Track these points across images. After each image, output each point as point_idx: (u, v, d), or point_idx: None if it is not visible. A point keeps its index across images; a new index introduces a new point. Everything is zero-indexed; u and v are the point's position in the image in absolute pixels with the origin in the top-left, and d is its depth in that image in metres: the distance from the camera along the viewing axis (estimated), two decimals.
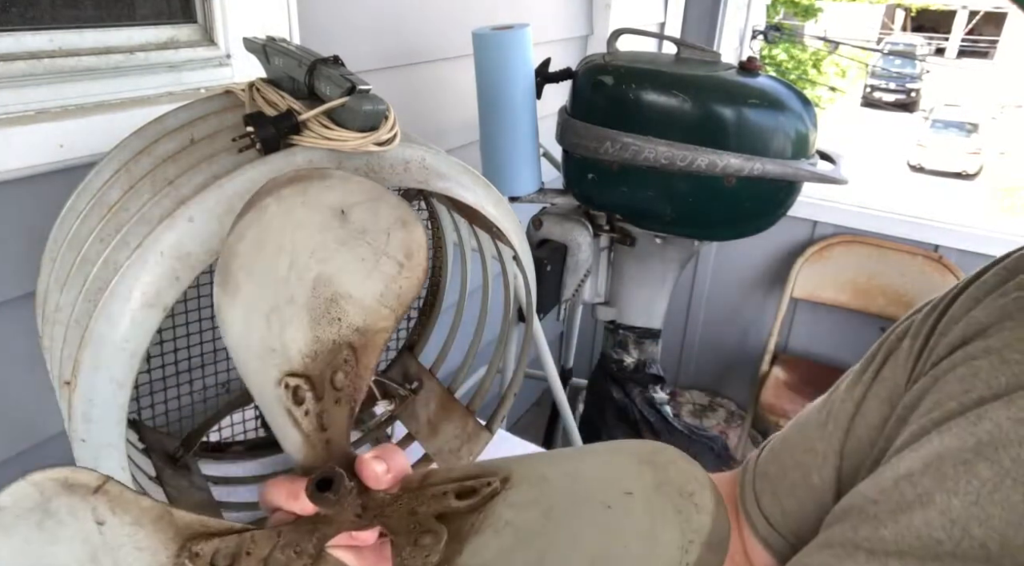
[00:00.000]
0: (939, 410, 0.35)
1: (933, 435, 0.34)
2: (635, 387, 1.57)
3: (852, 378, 0.45)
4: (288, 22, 0.93)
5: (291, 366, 0.35)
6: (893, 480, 0.34)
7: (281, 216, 0.33)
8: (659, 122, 1.16)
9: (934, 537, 0.31)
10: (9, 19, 0.70)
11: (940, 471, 0.32)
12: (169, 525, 0.31)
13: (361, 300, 0.34)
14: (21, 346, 0.75)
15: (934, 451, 0.33)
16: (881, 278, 1.96)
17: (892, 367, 0.41)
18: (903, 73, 14.95)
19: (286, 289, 0.34)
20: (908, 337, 0.41)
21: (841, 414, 0.43)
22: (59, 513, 0.29)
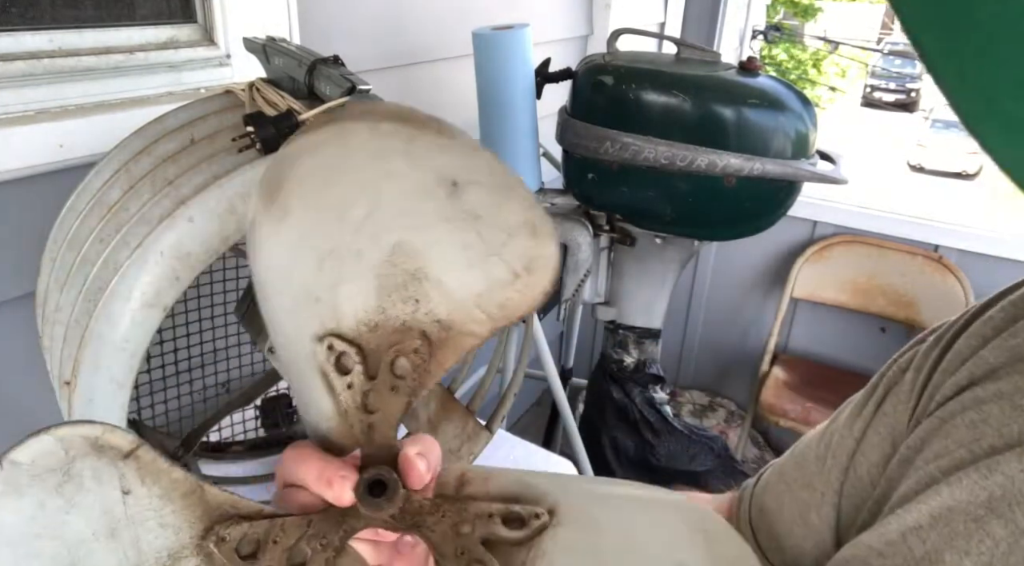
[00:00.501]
0: (948, 457, 0.33)
1: (942, 486, 0.32)
2: (635, 387, 1.57)
3: (852, 410, 0.43)
4: (288, 22, 0.93)
5: (339, 327, 0.30)
6: (900, 533, 0.33)
7: (371, 153, 0.27)
8: (659, 122, 1.16)
9: None
10: (9, 19, 0.70)
11: (950, 527, 0.31)
12: (199, 502, 0.29)
13: (452, 292, 0.29)
14: (21, 346, 0.75)
15: (944, 504, 0.32)
16: (881, 278, 1.97)
17: (893, 402, 0.40)
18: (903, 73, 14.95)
19: (354, 240, 0.28)
20: (911, 370, 0.40)
21: (840, 450, 0.42)
22: (82, 476, 0.26)
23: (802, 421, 1.83)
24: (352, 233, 0.28)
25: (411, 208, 0.28)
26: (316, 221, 0.28)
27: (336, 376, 0.30)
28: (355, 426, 0.31)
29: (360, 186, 0.27)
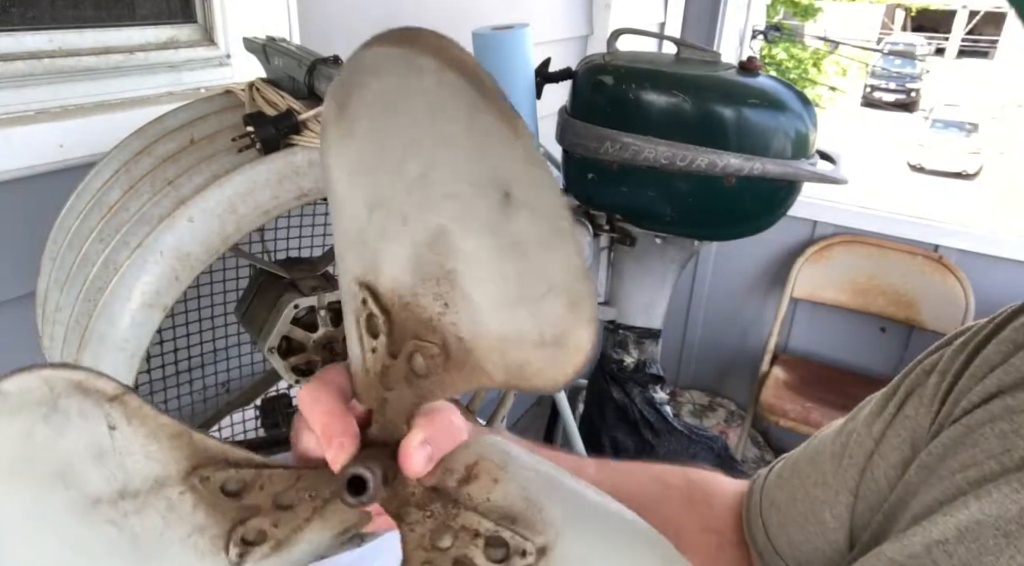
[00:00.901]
0: (976, 469, 0.32)
1: (970, 498, 0.31)
2: (635, 387, 1.57)
3: (871, 409, 0.42)
4: (288, 22, 0.94)
5: (377, 282, 0.29)
6: (925, 546, 0.32)
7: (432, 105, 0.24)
8: (659, 122, 1.16)
9: None
10: (9, 19, 0.70)
11: (979, 542, 0.30)
12: (187, 444, 0.30)
13: (478, 316, 0.27)
14: (21, 346, 0.75)
15: (972, 518, 0.31)
16: (881, 278, 1.97)
17: (915, 404, 0.39)
18: (903, 73, 14.96)
19: (404, 201, 0.26)
20: (935, 373, 0.39)
21: (858, 450, 0.41)
22: (68, 411, 0.28)
23: (802, 421, 1.83)
24: (403, 192, 0.26)
25: (461, 196, 0.25)
26: (374, 157, 0.27)
27: (365, 335, 0.30)
28: (372, 392, 0.31)
29: (417, 140, 0.25)
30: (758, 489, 0.49)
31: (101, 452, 0.29)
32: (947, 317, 1.88)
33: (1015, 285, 1.84)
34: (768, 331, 2.09)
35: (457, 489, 0.30)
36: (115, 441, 0.29)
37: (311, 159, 0.49)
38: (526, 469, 0.30)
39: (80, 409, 0.28)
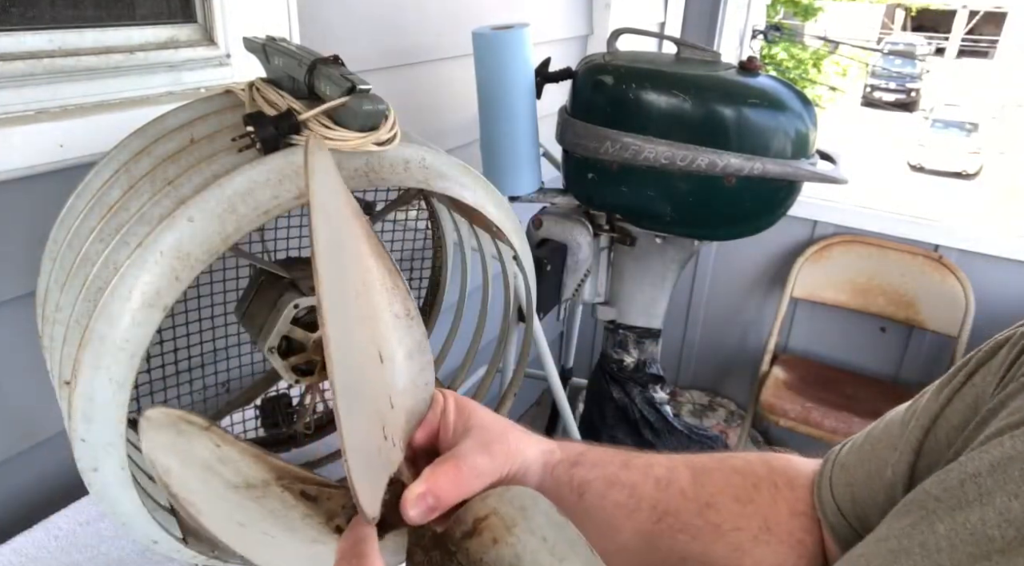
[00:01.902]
0: (1018, 415, 0.35)
1: (1005, 438, 0.34)
2: (635, 387, 1.57)
3: (941, 381, 0.45)
4: (288, 22, 0.93)
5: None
6: (959, 480, 0.34)
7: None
8: (659, 122, 1.16)
9: (987, 534, 0.31)
10: (9, 19, 0.70)
11: (1006, 474, 0.32)
12: (264, 461, 0.40)
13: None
14: (21, 346, 0.75)
15: (1005, 454, 0.33)
16: (881, 278, 1.97)
17: (984, 374, 0.41)
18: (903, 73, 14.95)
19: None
20: (1006, 347, 0.41)
21: (924, 413, 0.43)
22: (187, 432, 0.38)
23: (802, 421, 1.83)
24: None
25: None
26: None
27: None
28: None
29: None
30: (831, 459, 0.51)
31: (220, 457, 0.38)
32: (947, 317, 1.88)
33: (1015, 285, 1.84)
34: (768, 331, 2.09)
35: (459, 542, 0.35)
36: (224, 451, 0.39)
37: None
38: (533, 534, 0.33)
39: (192, 432, 0.38)
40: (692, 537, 0.47)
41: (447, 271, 0.91)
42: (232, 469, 0.38)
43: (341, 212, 0.40)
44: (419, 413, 0.44)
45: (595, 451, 0.48)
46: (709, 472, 0.50)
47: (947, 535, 0.33)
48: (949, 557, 0.32)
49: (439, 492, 0.36)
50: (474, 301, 0.86)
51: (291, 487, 0.39)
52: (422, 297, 0.94)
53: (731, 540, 0.47)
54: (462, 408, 0.44)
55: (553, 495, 0.42)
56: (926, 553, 0.33)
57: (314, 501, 0.40)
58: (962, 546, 0.32)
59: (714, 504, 0.48)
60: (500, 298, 0.78)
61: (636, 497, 0.47)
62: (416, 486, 0.36)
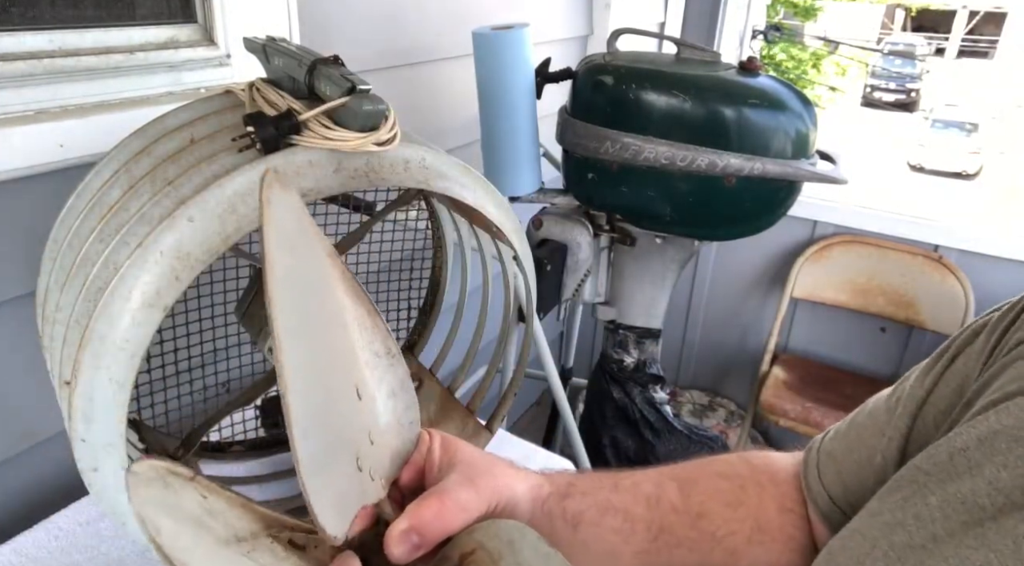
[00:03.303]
0: (1001, 392, 0.36)
1: (991, 414, 0.35)
2: (635, 387, 1.57)
3: (923, 367, 0.46)
4: (288, 22, 0.93)
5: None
6: (948, 454, 0.36)
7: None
8: (659, 122, 1.16)
9: (978, 503, 0.32)
10: (9, 19, 0.70)
11: (993, 446, 0.34)
12: (251, 511, 0.39)
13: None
14: (21, 346, 0.75)
15: (990, 428, 0.35)
16: (881, 278, 1.96)
17: (965, 360, 0.43)
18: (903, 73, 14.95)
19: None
20: (985, 333, 0.42)
21: (910, 400, 0.44)
22: (174, 485, 0.37)
23: (802, 421, 1.83)
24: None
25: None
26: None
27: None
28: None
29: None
30: (815, 448, 0.52)
31: (208, 510, 0.37)
32: (947, 317, 1.87)
33: (1015, 285, 1.84)
34: (768, 331, 2.09)
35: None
36: (211, 504, 0.38)
37: (311, 159, 0.49)
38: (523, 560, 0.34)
39: (179, 484, 0.37)
40: (689, 549, 0.47)
41: (447, 271, 0.91)
42: (221, 522, 0.37)
43: (310, 247, 0.41)
44: (405, 453, 0.44)
45: (583, 480, 0.48)
46: (695, 482, 0.51)
47: (940, 506, 0.34)
48: (943, 526, 0.33)
49: (423, 528, 0.36)
50: (474, 301, 0.86)
51: (279, 537, 0.39)
52: (422, 297, 0.94)
53: (727, 545, 0.48)
54: (447, 445, 0.44)
55: (546, 529, 0.43)
56: (920, 523, 0.34)
57: (303, 550, 0.39)
58: (955, 515, 0.33)
59: (705, 513, 0.48)
60: (500, 298, 0.78)
61: (631, 520, 0.47)
62: (399, 523, 0.36)
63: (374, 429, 0.42)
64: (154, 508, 0.36)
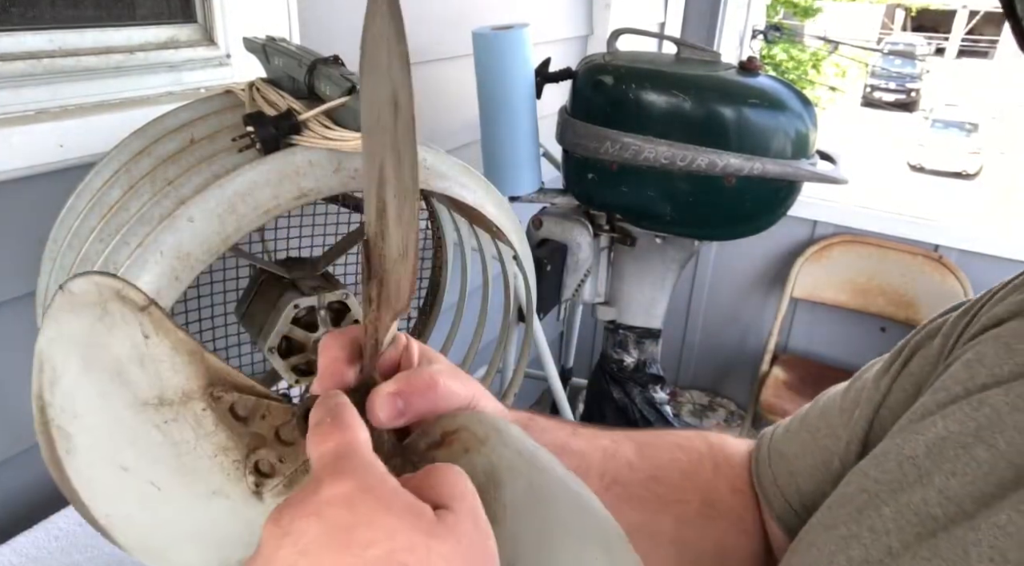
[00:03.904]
0: (945, 393, 0.36)
1: (937, 418, 0.35)
2: (635, 387, 1.57)
3: (879, 368, 0.46)
4: (288, 22, 0.94)
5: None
6: (897, 462, 0.36)
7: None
8: (659, 122, 1.16)
9: (931, 513, 0.33)
10: (9, 19, 0.70)
11: (942, 454, 0.34)
12: (200, 362, 0.33)
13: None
14: (21, 346, 0.75)
15: (937, 435, 0.35)
16: (881, 278, 1.96)
17: (920, 362, 0.43)
18: (903, 73, 14.95)
19: None
20: (940, 336, 0.42)
21: (867, 404, 0.44)
22: (114, 315, 0.31)
23: None
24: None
25: None
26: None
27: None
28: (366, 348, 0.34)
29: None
30: (766, 444, 0.51)
31: (141, 357, 0.32)
32: None
33: None
34: (768, 331, 2.09)
35: (424, 452, 0.32)
36: (149, 349, 0.32)
37: (311, 159, 0.49)
38: (507, 447, 0.31)
39: (122, 314, 0.31)
40: (637, 507, 0.47)
41: (447, 271, 0.91)
42: (150, 374, 0.32)
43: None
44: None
45: (543, 418, 0.48)
46: (653, 446, 0.51)
47: (893, 517, 0.34)
48: (898, 538, 0.33)
49: (411, 396, 0.33)
50: (474, 301, 0.86)
51: (219, 401, 0.33)
52: (422, 297, 0.94)
53: (675, 512, 0.48)
54: (426, 351, 0.41)
55: None
56: (875, 536, 0.34)
57: (243, 422, 0.33)
58: (908, 527, 0.33)
59: (659, 477, 0.48)
60: (500, 298, 0.78)
61: (585, 464, 0.47)
62: (387, 385, 0.33)
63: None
64: (66, 346, 0.31)
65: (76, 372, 0.31)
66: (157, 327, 0.32)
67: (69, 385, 0.31)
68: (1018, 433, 0.32)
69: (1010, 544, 0.29)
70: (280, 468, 0.34)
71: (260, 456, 0.34)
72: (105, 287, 0.31)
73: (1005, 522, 0.30)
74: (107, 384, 0.31)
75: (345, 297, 0.72)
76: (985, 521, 0.30)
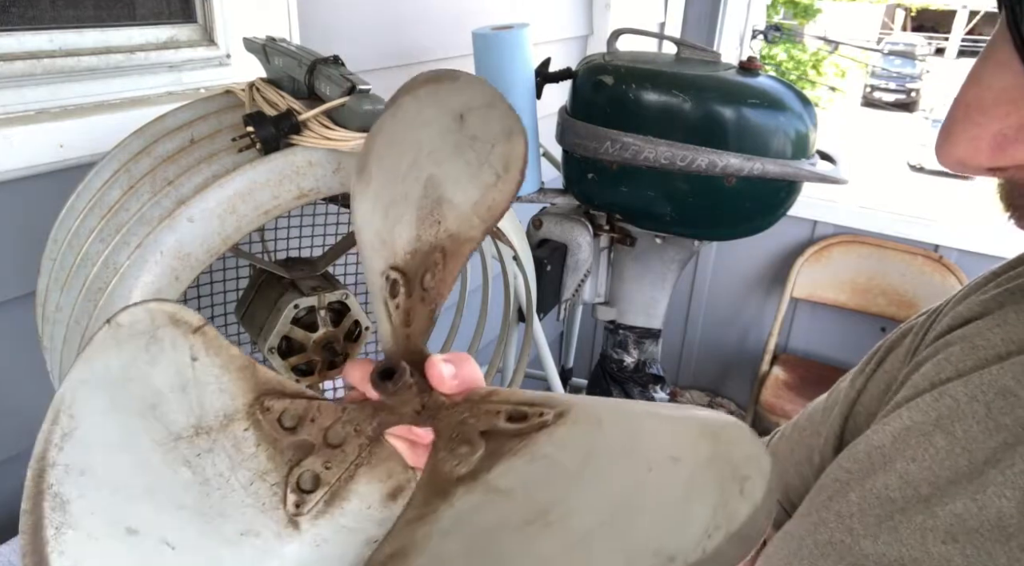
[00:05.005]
0: (912, 389, 0.39)
1: (903, 410, 0.37)
2: (635, 387, 1.57)
3: (856, 370, 0.48)
4: (288, 22, 0.94)
5: (395, 260, 0.36)
6: (866, 453, 0.38)
7: (413, 114, 0.36)
8: (659, 122, 1.16)
9: (890, 497, 0.34)
10: (9, 19, 0.70)
11: (904, 442, 0.36)
12: (251, 376, 0.33)
13: (459, 206, 0.35)
14: (21, 346, 0.75)
15: (902, 425, 0.37)
16: (881, 278, 1.97)
17: (892, 361, 0.45)
18: (903, 73, 14.95)
19: (403, 186, 0.36)
20: (910, 334, 0.44)
21: (844, 402, 0.47)
22: (163, 341, 0.31)
23: None
24: (402, 181, 0.36)
25: (436, 145, 0.35)
26: (385, 180, 0.37)
27: (390, 300, 0.36)
28: (399, 339, 0.36)
29: (408, 143, 0.36)
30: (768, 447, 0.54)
31: (184, 384, 0.32)
32: None
33: None
34: (768, 331, 2.09)
35: (484, 397, 0.34)
36: (195, 372, 0.32)
37: (311, 159, 0.49)
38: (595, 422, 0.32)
39: (172, 339, 0.32)
40: None
41: None
42: (191, 401, 0.31)
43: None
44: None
45: None
46: None
47: (858, 502, 0.36)
48: (860, 521, 0.35)
49: (459, 365, 0.35)
50: (474, 301, 0.86)
51: (267, 413, 0.33)
52: None
53: None
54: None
55: None
56: (840, 520, 0.36)
57: (290, 432, 0.33)
58: (870, 510, 0.35)
59: None
60: (500, 298, 0.78)
61: None
62: (439, 356, 0.35)
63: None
64: (93, 389, 0.30)
65: (99, 415, 0.30)
66: (208, 347, 0.32)
67: (86, 432, 0.29)
68: (975, 422, 0.33)
69: (963, 530, 0.30)
70: (325, 477, 0.33)
71: (304, 468, 0.33)
72: (158, 313, 0.31)
73: (961, 510, 0.31)
74: (135, 423, 0.30)
75: (345, 297, 0.72)
76: (942, 508, 0.32)
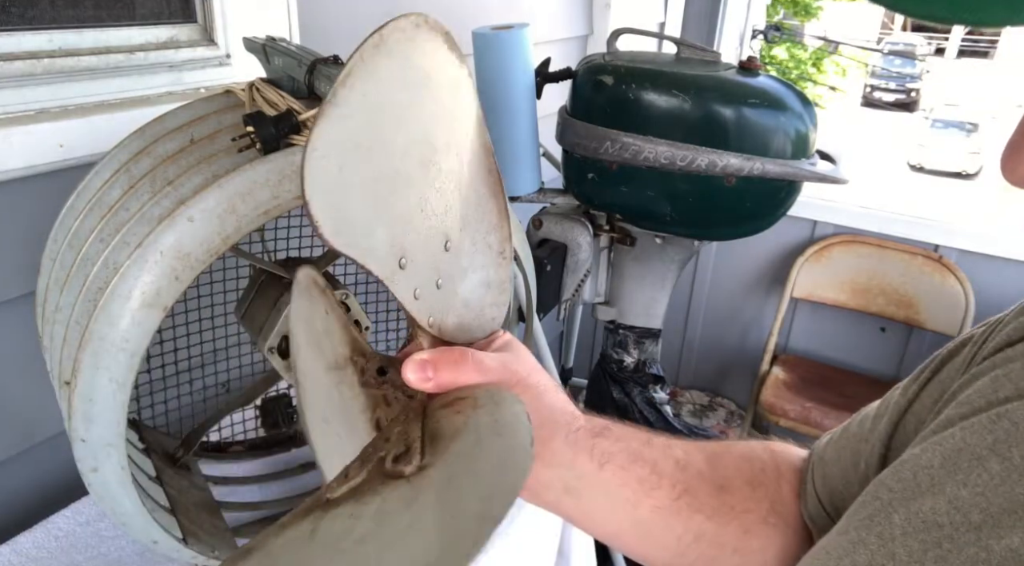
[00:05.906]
0: (968, 406, 0.36)
1: (956, 429, 0.35)
2: (635, 387, 1.57)
3: (910, 378, 0.47)
4: (288, 22, 0.93)
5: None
6: (913, 472, 0.36)
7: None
8: (659, 122, 1.16)
9: (937, 522, 0.32)
10: (9, 19, 0.70)
11: (956, 464, 0.34)
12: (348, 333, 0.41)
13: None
14: (21, 346, 0.75)
15: (954, 446, 0.35)
16: (881, 278, 1.97)
17: (948, 371, 0.43)
18: (903, 73, 14.96)
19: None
20: (969, 345, 0.43)
21: (894, 409, 0.45)
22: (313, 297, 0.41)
23: (802, 421, 1.83)
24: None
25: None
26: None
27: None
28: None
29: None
30: (815, 452, 0.53)
31: (326, 330, 0.40)
32: (947, 317, 1.88)
33: (1015, 285, 1.84)
34: (768, 331, 2.09)
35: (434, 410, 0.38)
36: (328, 323, 0.40)
37: None
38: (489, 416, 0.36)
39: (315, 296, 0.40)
40: (708, 517, 0.48)
41: None
42: (329, 345, 0.39)
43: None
44: (470, 329, 0.45)
45: (619, 427, 0.49)
46: (720, 456, 0.52)
47: (902, 524, 0.34)
48: (903, 545, 0.33)
49: (438, 366, 0.39)
50: None
51: (368, 365, 0.40)
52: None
53: (743, 522, 0.49)
54: (512, 342, 0.47)
55: (566, 456, 0.45)
56: (882, 542, 0.34)
57: (383, 376, 0.40)
58: (915, 534, 0.33)
59: (728, 487, 0.49)
60: None
61: (657, 474, 0.48)
62: (423, 353, 0.39)
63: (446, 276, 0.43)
64: (299, 325, 0.38)
65: (304, 343, 0.38)
66: (331, 306, 0.40)
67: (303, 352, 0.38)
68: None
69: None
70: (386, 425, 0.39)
71: (378, 415, 0.40)
72: (310, 277, 0.40)
73: (1018, 545, 0.29)
74: (314, 352, 0.39)
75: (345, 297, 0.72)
76: (997, 542, 0.30)
